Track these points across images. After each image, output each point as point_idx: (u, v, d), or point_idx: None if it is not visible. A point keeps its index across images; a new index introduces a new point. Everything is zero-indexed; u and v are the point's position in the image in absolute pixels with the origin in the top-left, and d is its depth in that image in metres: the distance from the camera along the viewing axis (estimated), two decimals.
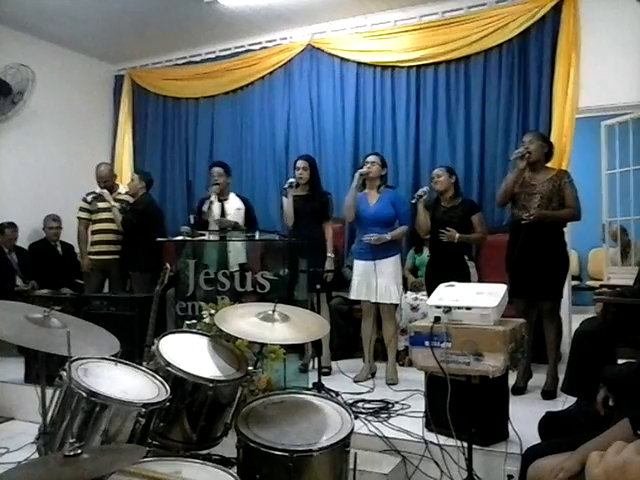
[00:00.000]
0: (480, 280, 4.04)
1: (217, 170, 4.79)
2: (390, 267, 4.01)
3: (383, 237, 3.96)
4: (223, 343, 2.61)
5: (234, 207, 4.79)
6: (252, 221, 4.85)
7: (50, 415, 2.06)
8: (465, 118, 5.01)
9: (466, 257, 3.97)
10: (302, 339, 2.66)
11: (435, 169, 4.16)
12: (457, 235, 3.86)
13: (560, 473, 1.57)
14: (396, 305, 4.23)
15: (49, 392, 2.11)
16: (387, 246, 3.99)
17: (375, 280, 3.97)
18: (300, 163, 4.37)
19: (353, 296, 4.13)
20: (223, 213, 4.74)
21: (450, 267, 3.87)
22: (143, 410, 2.02)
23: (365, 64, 5.40)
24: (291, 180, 4.33)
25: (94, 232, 5.34)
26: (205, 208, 4.67)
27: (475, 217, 3.99)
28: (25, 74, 5.47)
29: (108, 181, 5.35)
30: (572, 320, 4.50)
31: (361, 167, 4.16)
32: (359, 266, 4.10)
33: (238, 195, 4.92)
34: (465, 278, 3.76)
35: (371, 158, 4.16)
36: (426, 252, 4.81)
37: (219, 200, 4.75)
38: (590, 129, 5.37)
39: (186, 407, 2.26)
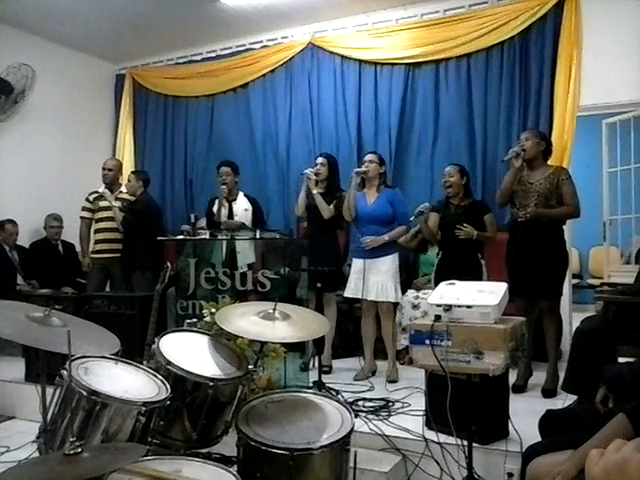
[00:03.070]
0: (488, 278, 4.02)
1: (224, 170, 4.79)
2: (387, 265, 4.01)
3: (378, 240, 3.98)
4: (223, 342, 2.61)
5: (241, 208, 4.79)
6: (259, 221, 4.83)
7: (50, 414, 2.06)
8: (467, 116, 5.00)
9: (479, 255, 3.97)
10: (302, 338, 2.66)
11: (447, 167, 4.12)
12: (475, 232, 3.85)
13: (557, 477, 1.56)
14: (396, 304, 4.24)
15: (50, 391, 2.11)
16: (384, 245, 4.00)
17: (372, 278, 3.98)
18: (319, 159, 4.37)
19: (349, 294, 4.13)
20: (231, 214, 4.74)
21: (464, 265, 3.85)
22: (143, 409, 2.02)
23: (366, 62, 5.40)
24: (307, 170, 4.31)
25: (96, 231, 5.36)
26: (215, 209, 4.68)
27: (487, 217, 4.00)
28: (26, 73, 5.48)
29: (112, 170, 5.35)
30: (573, 318, 4.49)
31: (359, 167, 4.16)
32: (356, 264, 4.10)
33: (246, 195, 4.93)
34: (478, 276, 3.77)
35: (369, 157, 4.16)
36: (431, 251, 4.80)
37: (227, 200, 4.76)
38: (591, 127, 5.36)
39: (186, 406, 2.26)
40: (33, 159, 5.81)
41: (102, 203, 5.28)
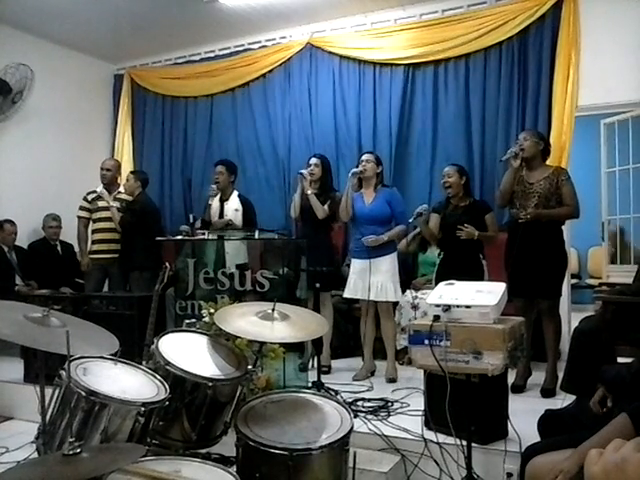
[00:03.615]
0: (489, 278, 4.02)
1: (219, 169, 4.80)
2: (387, 265, 4.01)
3: (379, 239, 3.97)
4: (222, 342, 2.61)
5: (232, 208, 4.79)
6: (249, 223, 4.79)
7: (49, 414, 2.06)
8: (465, 116, 5.01)
9: (480, 255, 3.97)
10: (301, 338, 2.66)
11: (446, 167, 4.12)
12: (477, 233, 3.85)
13: (559, 475, 1.55)
14: (395, 303, 4.24)
15: (48, 391, 2.10)
16: (383, 244, 4.00)
17: (371, 278, 3.98)
18: (312, 160, 4.39)
19: (348, 294, 4.13)
20: (222, 214, 4.74)
21: (465, 265, 3.85)
22: (142, 409, 2.02)
23: (365, 62, 5.40)
24: (303, 171, 4.32)
25: (94, 231, 5.35)
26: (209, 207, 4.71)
27: (488, 217, 3.99)
28: (24, 73, 5.48)
29: (111, 170, 5.35)
30: (572, 318, 4.49)
31: (356, 167, 4.17)
32: (355, 264, 4.11)
33: (240, 196, 4.92)
34: (479, 276, 3.76)
35: (365, 156, 4.17)
36: (430, 251, 4.80)
37: (220, 200, 4.76)
38: (590, 127, 5.37)
39: (185, 406, 2.26)
40: (32, 159, 5.79)
41: (100, 203, 5.28)
